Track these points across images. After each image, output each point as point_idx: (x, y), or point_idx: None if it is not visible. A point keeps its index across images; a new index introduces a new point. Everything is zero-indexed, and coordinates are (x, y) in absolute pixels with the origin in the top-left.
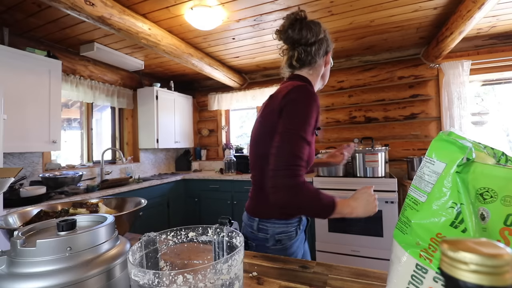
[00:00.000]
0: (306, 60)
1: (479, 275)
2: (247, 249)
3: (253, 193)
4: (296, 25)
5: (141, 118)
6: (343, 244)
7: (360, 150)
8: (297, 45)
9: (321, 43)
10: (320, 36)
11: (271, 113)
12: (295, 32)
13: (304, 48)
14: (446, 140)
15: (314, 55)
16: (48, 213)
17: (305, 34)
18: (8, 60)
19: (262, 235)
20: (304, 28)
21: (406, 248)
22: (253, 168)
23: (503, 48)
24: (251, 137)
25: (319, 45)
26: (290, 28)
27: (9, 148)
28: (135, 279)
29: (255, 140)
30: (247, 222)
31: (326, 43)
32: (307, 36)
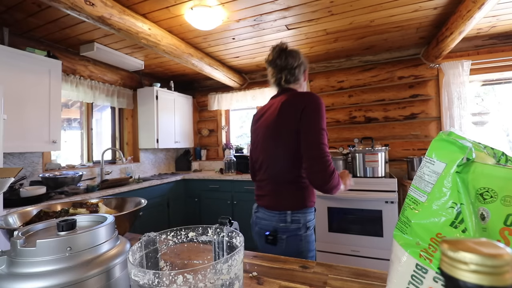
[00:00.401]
0: (291, 79)
1: (479, 275)
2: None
3: (272, 190)
4: (282, 55)
5: (141, 118)
6: (343, 244)
7: (360, 150)
8: (283, 70)
9: (301, 65)
10: (300, 60)
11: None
12: (282, 60)
13: (289, 71)
14: (446, 140)
15: (297, 75)
16: (48, 213)
17: (290, 61)
18: (8, 60)
19: (295, 225)
20: (288, 57)
21: (406, 248)
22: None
23: (503, 48)
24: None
25: (299, 68)
26: (278, 58)
27: (9, 148)
28: (135, 279)
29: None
30: (276, 217)
31: (304, 64)
32: (292, 62)
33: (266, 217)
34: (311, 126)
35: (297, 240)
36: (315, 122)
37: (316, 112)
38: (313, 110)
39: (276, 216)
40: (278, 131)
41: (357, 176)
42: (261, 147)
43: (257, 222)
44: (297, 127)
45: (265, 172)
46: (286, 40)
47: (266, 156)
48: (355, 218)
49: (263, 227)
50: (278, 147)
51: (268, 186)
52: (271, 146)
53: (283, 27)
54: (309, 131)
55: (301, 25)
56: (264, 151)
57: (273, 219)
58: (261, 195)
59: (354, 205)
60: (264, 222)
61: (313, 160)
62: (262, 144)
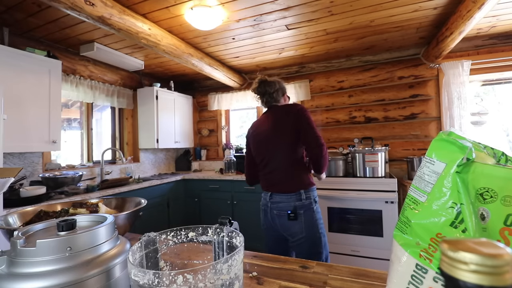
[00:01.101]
0: (272, 101)
1: (479, 275)
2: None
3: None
4: (261, 85)
5: (141, 118)
6: (343, 244)
7: (360, 150)
8: (264, 95)
9: (278, 91)
10: (277, 87)
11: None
12: (261, 88)
13: (269, 95)
14: (446, 140)
15: (276, 97)
16: (48, 213)
17: (268, 89)
18: (8, 60)
19: (308, 201)
20: (267, 85)
21: (406, 248)
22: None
23: (503, 48)
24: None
25: (277, 92)
26: (258, 87)
27: (9, 148)
28: (135, 279)
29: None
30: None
31: (282, 90)
32: (269, 90)
33: (284, 200)
34: (309, 124)
35: (311, 212)
36: (310, 121)
37: (307, 114)
38: (305, 112)
39: (294, 196)
40: (278, 131)
41: (357, 176)
42: (265, 148)
43: (274, 206)
44: (295, 126)
45: (272, 165)
46: (286, 40)
47: (271, 152)
48: (355, 218)
49: (283, 208)
50: (282, 143)
51: (278, 175)
52: (275, 144)
53: (283, 27)
54: (309, 128)
55: (301, 25)
56: (268, 150)
57: (291, 200)
58: (273, 183)
59: (354, 205)
60: (282, 205)
61: (318, 148)
62: (266, 145)
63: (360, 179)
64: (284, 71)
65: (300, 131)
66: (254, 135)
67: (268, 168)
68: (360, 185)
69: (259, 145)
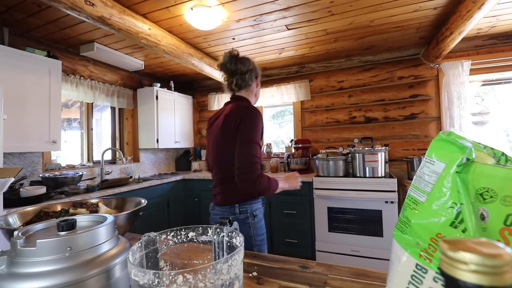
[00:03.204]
0: (242, 84)
1: (479, 275)
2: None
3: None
4: (233, 60)
5: (141, 118)
6: (343, 244)
7: (360, 150)
8: (234, 74)
9: (251, 71)
10: (250, 67)
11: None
12: (232, 65)
13: (240, 76)
14: (446, 140)
15: (248, 80)
16: (48, 213)
17: (240, 66)
18: (8, 60)
19: (243, 215)
20: (238, 62)
21: (406, 248)
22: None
23: (503, 48)
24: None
25: (250, 73)
26: (228, 63)
27: (9, 148)
28: (135, 279)
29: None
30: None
31: (255, 71)
32: (241, 68)
33: (219, 213)
34: (243, 138)
35: (246, 227)
36: (248, 135)
37: (249, 125)
38: (247, 123)
39: (227, 210)
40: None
41: (357, 176)
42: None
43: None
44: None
45: (215, 174)
46: (286, 40)
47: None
48: (355, 218)
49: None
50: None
51: (218, 186)
52: (218, 152)
53: (283, 27)
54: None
55: (301, 25)
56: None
57: (225, 213)
58: (215, 194)
59: (354, 205)
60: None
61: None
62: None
63: (360, 179)
64: (284, 71)
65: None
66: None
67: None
68: (360, 185)
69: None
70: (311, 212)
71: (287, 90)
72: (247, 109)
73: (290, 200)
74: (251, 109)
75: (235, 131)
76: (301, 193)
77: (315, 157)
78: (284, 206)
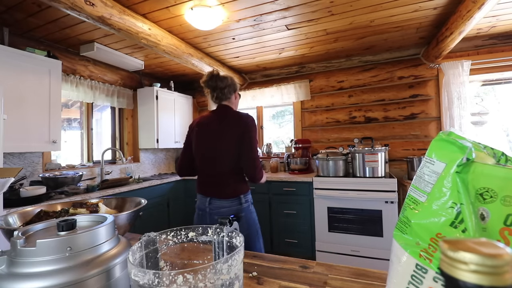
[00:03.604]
0: (222, 97)
1: (479, 275)
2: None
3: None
4: (213, 79)
5: (141, 118)
6: (343, 244)
7: (360, 150)
8: (215, 89)
9: (229, 87)
10: (228, 83)
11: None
12: (212, 82)
13: (220, 91)
14: (446, 140)
15: (227, 94)
16: (48, 213)
17: (219, 83)
18: (8, 60)
19: (246, 204)
20: (217, 80)
21: (406, 248)
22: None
23: (503, 48)
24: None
25: (229, 88)
26: (210, 81)
27: (9, 148)
28: (135, 279)
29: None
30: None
31: (233, 86)
32: (220, 84)
33: (225, 205)
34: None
35: (249, 213)
36: (251, 141)
37: (252, 133)
38: (250, 131)
39: (235, 201)
40: (227, 137)
41: (357, 176)
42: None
43: (215, 211)
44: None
45: (215, 170)
46: (286, 40)
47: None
48: (355, 218)
49: (225, 213)
50: (228, 154)
51: (221, 181)
52: (221, 149)
53: (283, 27)
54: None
55: (301, 25)
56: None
57: (233, 204)
58: (213, 186)
59: (354, 205)
60: (224, 210)
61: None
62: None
63: (360, 179)
64: (284, 71)
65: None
66: (200, 132)
67: (209, 169)
68: (360, 185)
69: (204, 142)
70: (311, 212)
71: (287, 90)
72: (248, 118)
73: (290, 200)
74: (250, 118)
75: (239, 137)
76: (301, 193)
77: (315, 157)
78: (284, 206)
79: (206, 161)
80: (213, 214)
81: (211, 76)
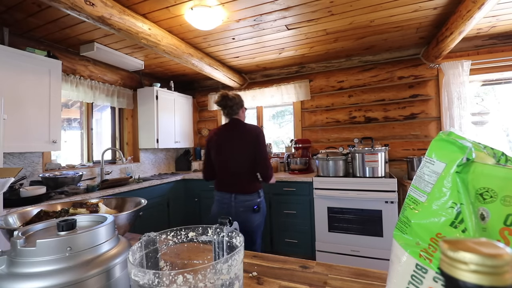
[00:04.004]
0: (232, 113)
1: (479, 275)
2: (259, 211)
3: (246, 181)
4: (223, 99)
5: (141, 118)
6: (343, 244)
7: (360, 150)
8: (225, 107)
9: (237, 105)
10: (236, 101)
11: (249, 143)
12: (222, 102)
13: (230, 108)
14: (446, 140)
15: (235, 110)
16: (48, 213)
17: (228, 102)
18: (8, 60)
19: (262, 198)
20: (227, 100)
21: (406, 248)
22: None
23: (503, 48)
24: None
25: (236, 106)
26: (221, 101)
27: (9, 148)
28: (135, 279)
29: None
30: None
31: (240, 103)
32: (229, 103)
33: (248, 198)
34: (262, 150)
35: (263, 205)
36: (263, 147)
37: (263, 140)
38: (261, 139)
39: (255, 195)
40: (244, 145)
41: (357, 176)
42: (229, 154)
43: (240, 204)
44: (253, 145)
45: (234, 172)
46: (286, 40)
47: (235, 159)
48: (355, 218)
49: (250, 204)
50: (244, 158)
51: (241, 180)
52: (240, 154)
53: (283, 27)
54: (261, 154)
55: (301, 25)
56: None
57: (254, 197)
58: (237, 185)
59: (354, 205)
60: (249, 203)
61: (265, 171)
62: (231, 152)
63: (360, 179)
64: (284, 71)
65: (256, 151)
66: (218, 142)
67: (229, 172)
68: (360, 185)
69: (223, 151)
70: (311, 212)
71: (287, 90)
72: (259, 129)
73: (290, 200)
74: (259, 129)
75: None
76: (301, 193)
77: (315, 157)
78: (284, 206)
79: (226, 165)
80: (239, 206)
81: (222, 97)
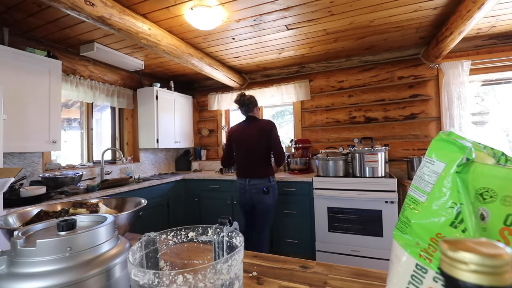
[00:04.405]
0: (249, 110)
1: (479, 275)
2: (268, 193)
3: (259, 168)
4: (241, 99)
5: (141, 118)
6: (343, 244)
7: (360, 150)
8: (243, 106)
9: (252, 103)
10: (252, 100)
11: (263, 135)
12: (240, 101)
13: (246, 106)
14: (446, 140)
15: (251, 108)
16: (48, 213)
17: (245, 101)
18: (8, 60)
19: (273, 182)
20: (244, 99)
21: (406, 248)
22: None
23: (503, 48)
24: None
25: (252, 105)
26: (240, 100)
27: (9, 148)
28: (135, 279)
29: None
30: (266, 179)
31: (254, 102)
32: (246, 102)
33: (260, 182)
34: (276, 140)
35: (274, 189)
36: (277, 138)
37: (276, 131)
38: (274, 131)
39: (266, 179)
40: (259, 138)
41: (357, 176)
42: (248, 146)
43: (253, 187)
44: (268, 137)
45: (251, 160)
46: (286, 40)
47: (252, 150)
48: (355, 218)
49: (260, 186)
50: (261, 146)
51: (255, 167)
52: (257, 146)
53: (283, 27)
54: (276, 143)
55: (301, 25)
56: (250, 147)
57: (265, 181)
58: (251, 171)
59: (354, 205)
60: (259, 185)
61: (280, 156)
62: (249, 144)
63: (360, 179)
64: (284, 71)
65: (270, 142)
66: (239, 135)
67: (247, 160)
68: (360, 185)
69: (243, 143)
70: (311, 212)
71: (287, 90)
72: (272, 122)
73: (290, 200)
74: (272, 123)
75: (268, 135)
76: (301, 193)
77: (315, 157)
78: (284, 206)
79: (244, 155)
80: (252, 189)
81: (240, 97)
